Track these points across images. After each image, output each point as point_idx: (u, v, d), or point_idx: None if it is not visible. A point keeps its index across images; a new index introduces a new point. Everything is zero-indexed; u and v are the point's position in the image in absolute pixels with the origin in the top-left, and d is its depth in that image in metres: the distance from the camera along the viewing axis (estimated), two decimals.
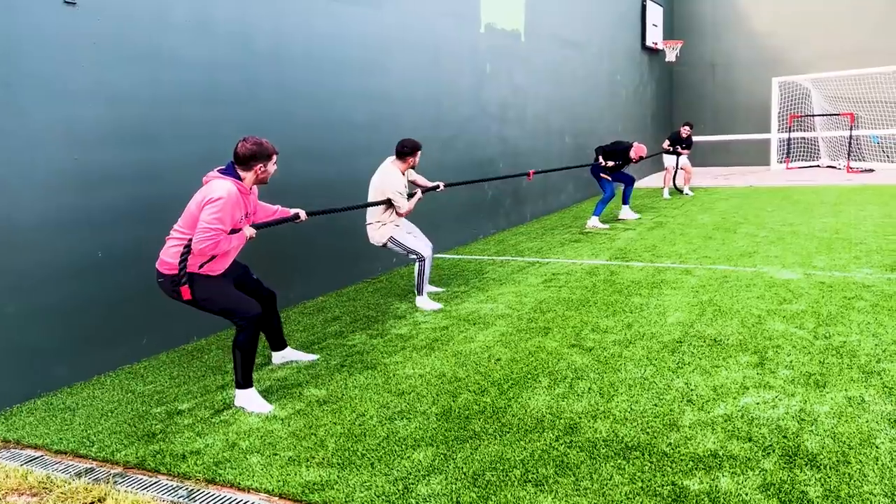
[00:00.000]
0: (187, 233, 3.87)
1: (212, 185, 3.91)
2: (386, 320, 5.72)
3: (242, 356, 4.00)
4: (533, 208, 11.51)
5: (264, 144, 4.04)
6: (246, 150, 3.96)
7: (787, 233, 8.89)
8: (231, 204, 3.86)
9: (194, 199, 3.93)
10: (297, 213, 4.67)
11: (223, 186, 3.86)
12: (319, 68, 6.59)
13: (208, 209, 3.79)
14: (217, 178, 3.94)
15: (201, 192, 3.92)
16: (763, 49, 18.61)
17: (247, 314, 4.00)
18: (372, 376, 4.41)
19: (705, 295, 6.01)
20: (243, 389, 4.05)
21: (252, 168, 4.01)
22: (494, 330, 5.29)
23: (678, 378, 4.13)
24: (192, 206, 3.91)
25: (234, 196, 3.88)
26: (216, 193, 3.82)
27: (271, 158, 4.10)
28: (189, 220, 3.89)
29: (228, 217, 3.86)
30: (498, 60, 9.97)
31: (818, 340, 4.68)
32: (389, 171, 6.05)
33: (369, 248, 7.20)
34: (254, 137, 4.03)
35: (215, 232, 3.78)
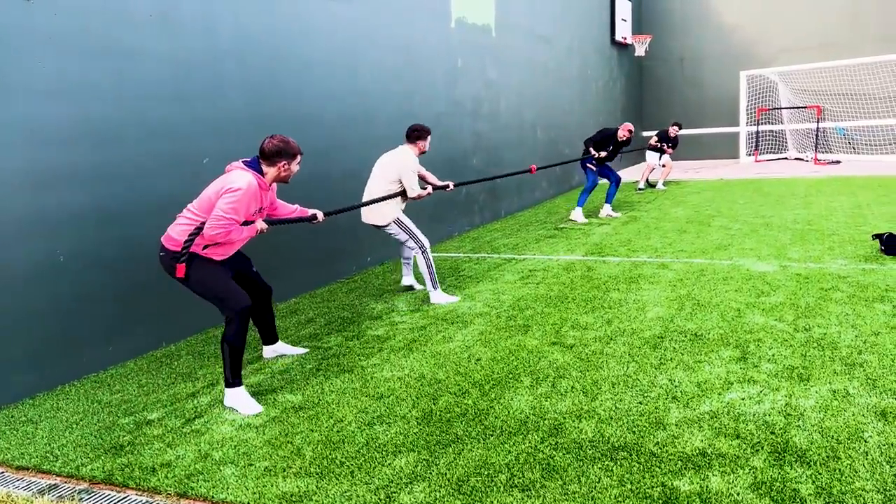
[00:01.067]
0: (200, 216, 3.89)
1: (233, 174, 3.94)
2: (362, 321, 5.59)
3: (231, 351, 3.95)
4: (507, 204, 11.44)
5: (290, 143, 4.09)
6: (272, 147, 4.01)
7: (760, 225, 8.93)
8: (249, 196, 3.88)
9: (213, 184, 3.96)
10: (315, 213, 4.70)
11: (244, 178, 3.88)
12: (286, 65, 6.43)
13: (226, 198, 3.80)
14: (239, 169, 3.97)
15: (221, 179, 3.95)
16: (731, 43, 18.76)
17: (236, 306, 3.93)
18: (349, 380, 4.28)
19: (683, 289, 5.97)
20: (232, 388, 3.99)
21: (276, 164, 4.05)
22: (473, 329, 5.19)
23: (661, 374, 4.07)
24: (209, 192, 3.93)
25: (254, 189, 3.92)
26: (236, 184, 3.84)
27: (296, 157, 4.15)
28: (205, 204, 3.90)
29: (244, 208, 3.89)
30: (470, 55, 9.87)
31: (798, 333, 4.66)
32: (405, 151, 6.09)
33: (343, 248, 7.06)
34: (281, 135, 4.09)
35: (229, 221, 3.81)
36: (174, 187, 5.26)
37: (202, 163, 5.52)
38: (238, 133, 5.86)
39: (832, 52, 17.22)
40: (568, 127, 14.01)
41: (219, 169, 5.62)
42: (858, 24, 17.06)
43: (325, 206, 6.21)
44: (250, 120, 5.99)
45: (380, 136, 7.68)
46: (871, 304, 5.21)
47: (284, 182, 4.23)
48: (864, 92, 16.85)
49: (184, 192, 5.31)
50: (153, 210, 5.11)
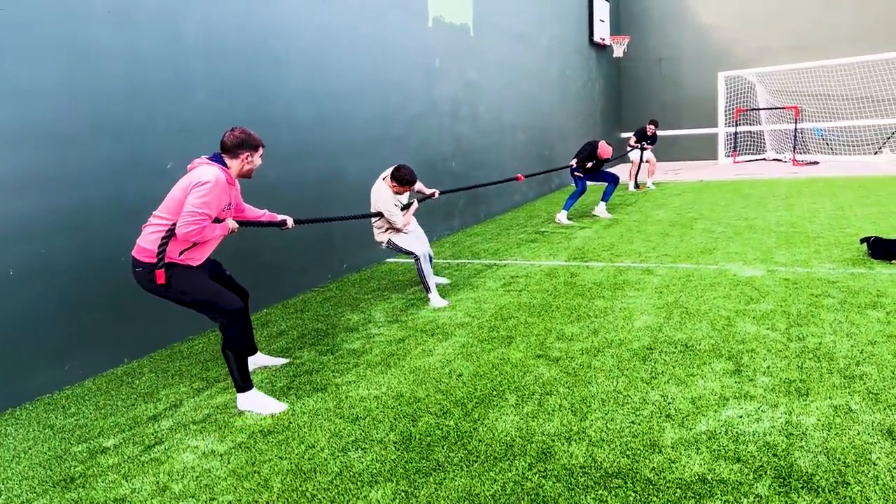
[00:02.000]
0: (169, 218, 3.72)
1: (199, 169, 3.79)
2: (336, 334, 5.31)
3: (235, 356, 3.84)
4: (487, 208, 11.21)
5: (252, 135, 3.96)
6: (233, 139, 3.89)
7: (743, 227, 8.79)
8: (219, 189, 3.74)
9: (178, 184, 3.79)
10: (285, 219, 4.50)
11: (211, 171, 3.75)
12: (257, 63, 6.14)
13: (196, 192, 3.65)
14: (205, 164, 3.83)
15: (187, 177, 3.78)
16: (709, 43, 18.73)
17: (229, 308, 3.82)
18: (322, 399, 4.01)
19: (670, 296, 5.78)
20: (244, 392, 3.89)
21: (238, 156, 3.91)
22: (454, 341, 4.95)
23: (653, 390, 3.85)
24: (175, 192, 3.76)
25: (223, 182, 3.78)
26: (204, 177, 3.69)
27: (258, 150, 3.99)
28: (173, 206, 3.73)
29: (216, 203, 3.74)
30: (448, 55, 9.63)
31: (792, 343, 4.47)
32: (380, 189, 5.94)
33: (316, 255, 6.78)
34: (241, 128, 3.96)
35: (202, 216, 3.65)
36: (134, 192, 4.96)
37: (166, 167, 5.22)
38: (205, 134, 5.56)
39: (808, 53, 17.24)
40: (548, 129, 13.83)
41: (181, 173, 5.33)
42: (833, 25, 17.09)
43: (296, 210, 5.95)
44: (218, 120, 5.68)
45: (355, 138, 7.42)
46: (864, 310, 5.05)
47: (247, 177, 4.06)
48: (841, 93, 16.88)
49: (145, 197, 5.01)
50: (111, 217, 4.81)
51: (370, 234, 6.36)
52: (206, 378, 4.51)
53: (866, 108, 16.60)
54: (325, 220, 5.49)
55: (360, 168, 7.49)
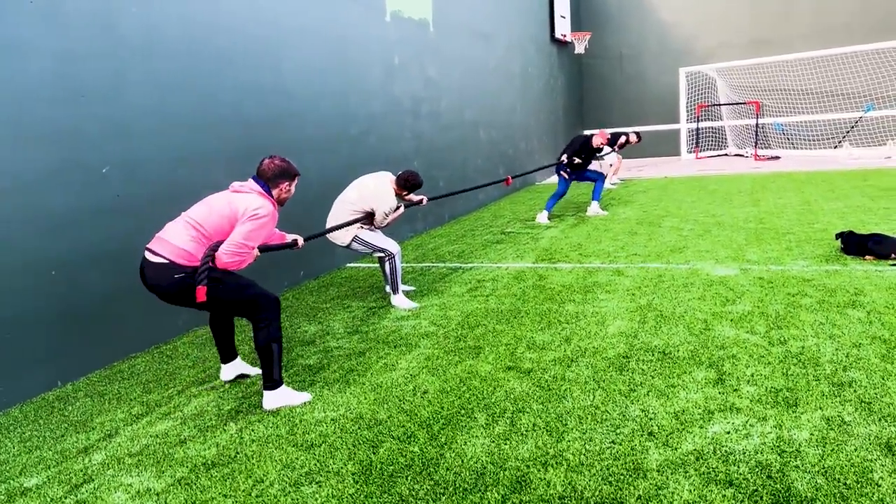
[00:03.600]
0: (209, 233, 3.63)
1: (253, 198, 3.70)
2: (292, 348, 4.95)
3: (279, 348, 3.82)
4: (451, 209, 10.90)
5: (291, 164, 3.93)
6: (275, 168, 3.83)
7: (712, 224, 8.63)
8: (271, 224, 3.75)
9: (221, 202, 3.69)
10: (296, 239, 4.38)
11: (266, 204, 3.70)
12: (201, 60, 5.73)
13: (251, 224, 3.61)
14: (259, 194, 3.75)
15: (238, 200, 3.68)
16: (669, 39, 18.70)
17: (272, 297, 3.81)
18: (273, 425, 3.65)
19: (643, 298, 5.54)
20: (277, 388, 3.84)
21: (278, 186, 3.86)
22: (419, 353, 4.62)
23: (632, 404, 3.58)
24: (220, 209, 3.66)
25: (274, 216, 3.76)
26: (262, 211, 3.65)
27: (294, 179, 3.96)
28: (215, 223, 3.64)
29: (264, 236, 3.76)
30: (407, 51, 9.30)
31: (774, 347, 4.24)
32: (386, 188, 5.68)
33: (271, 263, 6.39)
34: (279, 157, 3.90)
35: (250, 250, 3.67)
36: (64, 201, 4.53)
37: (101, 172, 4.80)
38: (145, 135, 5.15)
39: (768, 49, 17.31)
40: (511, 126, 13.58)
41: (122, 178, 4.93)
42: (791, 20, 17.18)
43: None
44: (159, 120, 5.28)
45: (309, 137, 7.04)
46: (844, 310, 4.86)
47: (280, 205, 3.95)
48: (800, 88, 16.97)
49: (76, 206, 4.59)
50: (38, 229, 4.37)
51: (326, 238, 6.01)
52: (147, 402, 4.11)
53: (825, 103, 16.72)
54: (328, 232, 5.31)
55: (318, 168, 7.12)
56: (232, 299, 3.73)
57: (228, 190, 3.81)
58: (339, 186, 6.17)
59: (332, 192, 6.14)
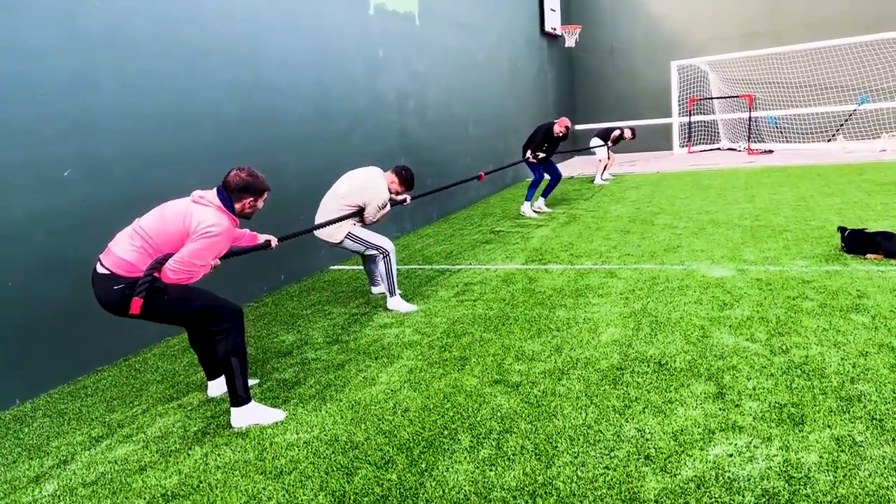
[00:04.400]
0: (157, 246, 3.38)
1: (208, 212, 3.44)
2: (267, 360, 4.68)
3: (242, 362, 3.58)
4: (440, 207, 10.63)
5: (258, 179, 3.64)
6: (239, 181, 3.56)
7: (706, 222, 8.40)
8: (224, 243, 3.51)
9: (174, 212, 3.44)
10: (269, 240, 4.20)
11: (222, 221, 3.46)
12: (172, 55, 5.44)
13: (201, 242, 3.38)
14: (217, 209, 3.48)
15: (187, 209, 3.44)
16: (660, 32, 18.46)
17: (233, 308, 3.58)
18: (242, 448, 3.39)
19: (637, 302, 5.30)
20: (244, 405, 3.60)
21: (241, 200, 3.60)
22: (401, 365, 4.37)
23: (627, 423, 3.34)
24: (171, 221, 3.41)
25: (229, 233, 3.52)
26: (215, 228, 3.40)
27: (263, 195, 3.70)
28: (163, 237, 3.39)
29: (216, 254, 3.52)
30: (392, 45, 9.01)
31: (776, 357, 4.01)
32: (379, 182, 5.45)
33: (250, 267, 6.11)
34: (248, 168, 3.63)
35: (198, 268, 3.43)
36: (22, 205, 4.24)
37: (62, 175, 4.51)
38: (111, 135, 4.87)
39: (760, 41, 17.09)
40: (501, 121, 13.32)
41: (86, 180, 4.64)
42: (784, 12, 16.96)
43: None
44: (127, 119, 5.00)
45: (289, 135, 6.76)
46: (847, 315, 4.63)
47: (246, 218, 3.72)
48: (794, 80, 16.76)
49: (36, 210, 4.31)
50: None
51: (311, 238, 5.74)
52: (109, 423, 3.85)
53: (819, 96, 16.51)
54: (309, 231, 5.04)
55: (298, 166, 6.85)
56: (178, 312, 3.49)
57: (189, 198, 3.54)
58: (320, 185, 5.91)
59: (313, 191, 5.89)
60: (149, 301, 3.33)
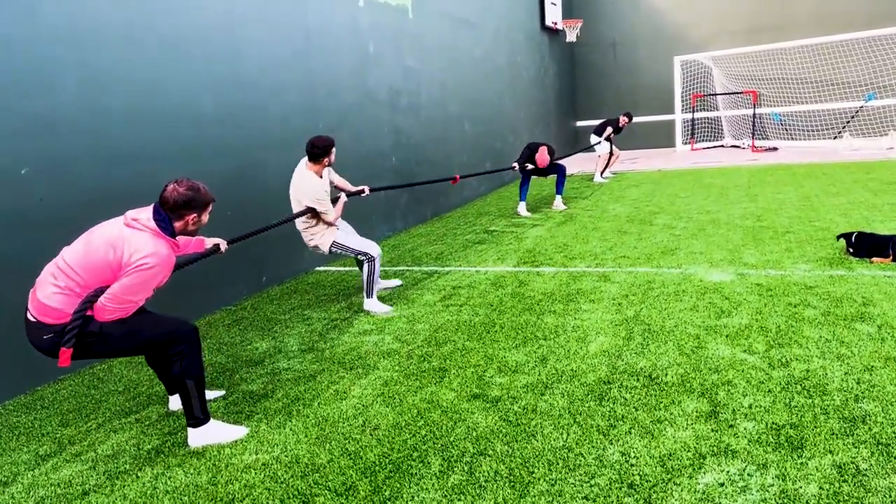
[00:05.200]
0: (85, 283, 3.02)
1: (141, 240, 3.05)
2: (237, 369, 4.44)
3: (198, 384, 3.32)
4: (434, 206, 10.37)
5: (200, 191, 3.26)
6: (178, 197, 3.17)
7: (706, 222, 8.12)
8: (162, 274, 3.12)
9: (107, 240, 3.05)
10: (217, 244, 3.94)
11: (160, 251, 3.07)
12: (142, 48, 5.19)
13: (136, 278, 3.00)
14: (153, 234, 3.10)
15: (126, 240, 3.03)
16: (663, 26, 18.15)
17: (186, 329, 3.29)
18: (195, 470, 3.15)
19: (630, 309, 5.04)
20: (202, 425, 3.35)
21: (183, 218, 3.22)
22: (376, 377, 4.12)
23: (611, 444, 3.08)
24: (102, 250, 3.02)
25: (168, 262, 3.13)
26: (150, 260, 3.02)
27: (207, 207, 3.33)
28: (92, 271, 3.02)
29: (154, 286, 3.13)
30: (383, 40, 8.74)
31: (775, 371, 3.75)
32: (304, 175, 5.17)
33: (229, 268, 5.87)
34: (188, 181, 3.24)
35: (133, 304, 3.08)
36: None
37: (19, 173, 4.27)
38: (73, 132, 4.62)
39: (765, 36, 16.76)
40: (498, 119, 13.04)
41: (45, 179, 4.39)
42: (789, 6, 16.63)
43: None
44: (91, 114, 4.75)
45: (271, 133, 6.52)
46: (851, 324, 4.36)
47: (191, 235, 3.39)
48: (799, 76, 16.44)
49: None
50: None
51: (296, 239, 5.51)
52: (60, 439, 3.61)
53: (825, 92, 16.19)
54: (261, 231, 4.79)
55: (281, 165, 6.56)
56: (128, 347, 3.21)
57: (122, 220, 3.15)
58: None
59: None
60: (86, 346, 3.05)
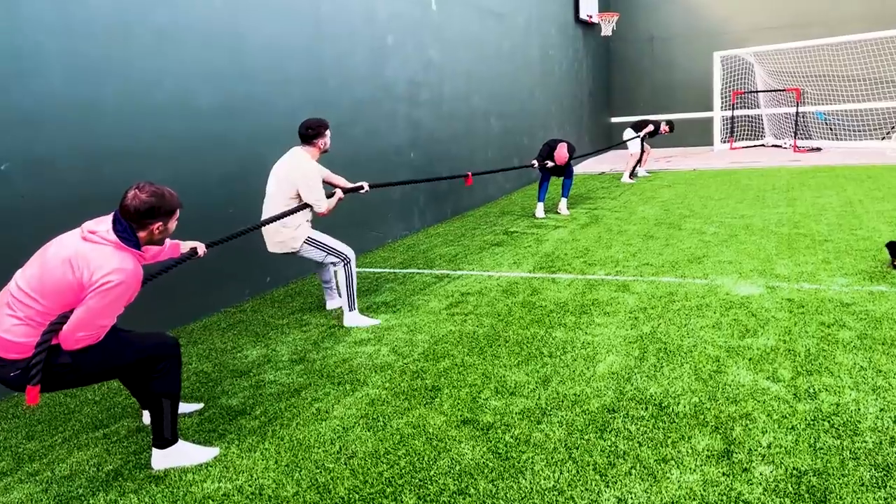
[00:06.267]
0: (46, 310, 2.71)
1: (107, 256, 2.74)
2: (221, 379, 4.19)
3: (173, 403, 3.09)
4: (455, 204, 10.05)
5: (164, 197, 2.92)
6: (140, 204, 2.83)
7: (739, 228, 7.66)
8: (131, 291, 2.82)
9: (63, 257, 2.72)
10: (194, 248, 3.67)
11: (124, 266, 2.75)
12: (134, 37, 4.96)
13: (99, 298, 2.69)
14: (116, 246, 2.79)
15: (86, 257, 2.72)
16: (703, 21, 17.51)
17: (167, 345, 3.06)
18: (150, 498, 2.89)
19: (647, 324, 4.67)
20: (170, 447, 3.10)
21: (147, 227, 2.89)
22: (364, 394, 3.83)
23: (608, 488, 2.75)
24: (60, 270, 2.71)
25: (136, 279, 2.82)
26: (115, 277, 2.70)
27: (173, 214, 2.99)
28: (51, 296, 2.71)
29: (124, 303, 2.84)
30: (403, 31, 8.44)
31: (801, 403, 3.36)
32: (298, 155, 4.84)
33: (230, 268, 5.64)
34: (150, 185, 2.89)
35: (101, 329, 2.79)
36: None
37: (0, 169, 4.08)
38: (58, 126, 4.41)
39: (811, 31, 16.03)
40: (528, 115, 12.64)
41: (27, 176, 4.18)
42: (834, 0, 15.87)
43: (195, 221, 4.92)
44: (78, 108, 4.54)
45: (276, 127, 6.25)
46: (891, 350, 3.94)
47: (157, 245, 3.10)
48: (846, 74, 15.69)
49: None
50: None
51: None
52: (20, 454, 3.39)
53: (873, 91, 15.42)
54: (244, 233, 4.51)
55: None
56: (107, 368, 2.93)
57: (78, 233, 2.84)
58: None
59: None
60: (58, 378, 2.79)
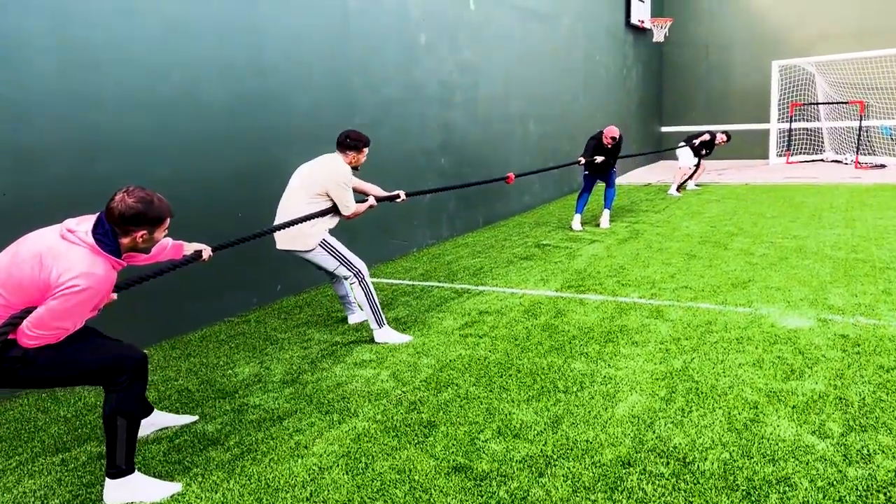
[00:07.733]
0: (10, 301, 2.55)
1: (79, 258, 2.56)
2: (203, 401, 3.86)
3: (129, 425, 2.79)
4: (487, 212, 9.63)
5: (154, 203, 2.74)
6: (126, 209, 2.65)
7: (791, 250, 7.06)
8: (98, 298, 2.63)
9: (36, 252, 2.56)
10: (201, 249, 3.45)
11: (94, 272, 2.56)
12: (137, 28, 4.69)
13: (62, 301, 2.52)
14: (91, 249, 2.60)
15: (57, 256, 2.54)
16: (762, 28, 16.71)
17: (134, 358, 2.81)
18: None
19: (678, 358, 4.18)
20: (124, 477, 2.80)
21: (130, 234, 2.71)
22: (351, 427, 3.45)
23: None
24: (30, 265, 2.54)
25: (106, 286, 2.64)
26: (81, 282, 2.52)
27: (160, 223, 2.79)
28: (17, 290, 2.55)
29: (87, 311, 2.64)
30: (437, 30, 8.07)
31: (851, 468, 2.86)
32: (332, 158, 4.61)
33: (239, 274, 5.33)
34: (140, 190, 2.72)
35: (60, 331, 2.60)
36: None
37: None
38: (48, 118, 4.16)
39: (876, 40, 15.12)
40: (570, 120, 12.14)
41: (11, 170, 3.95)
42: None
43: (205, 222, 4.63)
44: (71, 99, 4.28)
45: (297, 128, 5.97)
46: None
47: (143, 253, 2.96)
48: None
49: None
50: None
51: None
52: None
53: None
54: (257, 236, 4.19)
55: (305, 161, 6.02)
56: (56, 377, 2.71)
57: (59, 229, 2.67)
58: None
59: None
60: (11, 374, 2.58)
